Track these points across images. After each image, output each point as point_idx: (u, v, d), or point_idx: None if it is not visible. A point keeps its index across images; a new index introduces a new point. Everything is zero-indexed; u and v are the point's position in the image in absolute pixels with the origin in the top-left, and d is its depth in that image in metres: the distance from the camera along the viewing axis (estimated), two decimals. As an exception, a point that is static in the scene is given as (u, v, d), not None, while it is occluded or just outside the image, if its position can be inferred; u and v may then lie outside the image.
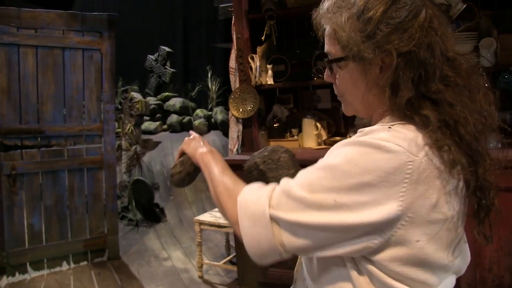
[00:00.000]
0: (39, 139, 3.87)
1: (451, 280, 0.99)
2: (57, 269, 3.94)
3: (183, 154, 1.30)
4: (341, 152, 0.87)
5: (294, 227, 0.88)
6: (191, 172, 1.27)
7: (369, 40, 0.89)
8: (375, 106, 0.97)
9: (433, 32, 0.89)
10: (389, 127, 0.87)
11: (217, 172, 1.11)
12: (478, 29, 2.81)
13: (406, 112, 0.89)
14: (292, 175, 1.16)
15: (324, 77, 1.05)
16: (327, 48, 0.99)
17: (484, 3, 2.98)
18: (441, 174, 0.84)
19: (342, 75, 0.98)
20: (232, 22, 3.48)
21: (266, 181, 1.20)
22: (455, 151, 0.85)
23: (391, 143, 0.82)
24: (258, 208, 0.93)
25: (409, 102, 0.88)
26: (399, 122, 0.90)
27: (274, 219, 0.90)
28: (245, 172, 1.29)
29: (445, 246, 0.89)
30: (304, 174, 0.92)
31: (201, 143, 1.25)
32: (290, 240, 0.90)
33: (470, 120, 0.87)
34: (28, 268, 3.83)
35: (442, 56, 0.90)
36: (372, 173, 0.81)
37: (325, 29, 0.99)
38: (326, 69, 1.03)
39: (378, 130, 0.87)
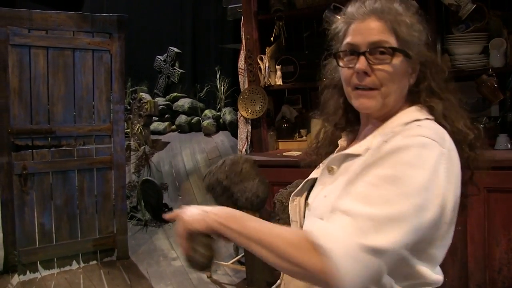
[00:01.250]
0: (49, 139, 3.90)
1: None
2: (67, 268, 3.98)
3: (191, 235, 1.03)
4: (395, 161, 0.91)
5: (391, 248, 0.85)
6: (215, 248, 1.03)
7: (419, 44, 1.07)
8: (400, 102, 1.10)
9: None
10: (418, 125, 1.00)
11: (254, 227, 0.95)
12: (488, 30, 2.79)
13: (424, 100, 1.07)
14: (258, 184, 1.23)
15: (360, 65, 1.04)
16: (382, 37, 1.04)
17: (494, 3, 2.96)
18: (458, 164, 1.00)
19: (396, 65, 1.04)
20: (241, 22, 3.49)
21: (232, 196, 1.23)
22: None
23: (428, 139, 0.94)
24: (349, 243, 0.84)
25: (423, 97, 1.09)
26: (427, 117, 1.04)
27: (370, 248, 0.83)
28: (206, 189, 1.28)
29: (454, 225, 1.03)
30: (372, 193, 0.89)
31: (197, 208, 1.05)
32: (388, 260, 0.86)
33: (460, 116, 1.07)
34: (39, 267, 3.87)
35: (439, 66, 1.12)
36: (428, 169, 0.91)
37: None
38: (366, 57, 1.04)
39: (410, 129, 0.99)
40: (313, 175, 1.23)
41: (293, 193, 1.23)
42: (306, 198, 1.20)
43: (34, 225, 3.86)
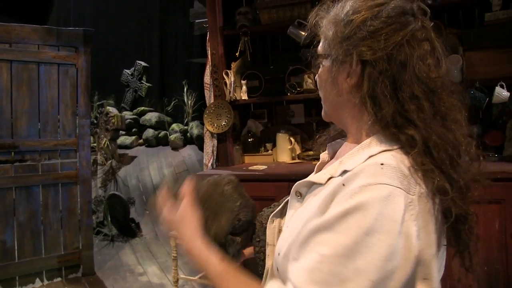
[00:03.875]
0: (12, 154, 3.83)
1: None
2: (30, 286, 3.87)
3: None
4: (352, 226, 0.77)
5: None
6: None
7: (344, 42, 0.91)
8: (348, 113, 0.97)
9: (410, 52, 0.89)
10: (382, 164, 0.82)
11: (214, 274, 1.00)
12: (445, 47, 2.91)
13: (392, 130, 0.87)
14: (240, 206, 1.18)
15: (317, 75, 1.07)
16: (319, 45, 1.02)
17: (450, 21, 3.11)
18: (431, 206, 0.83)
19: (320, 72, 1.02)
20: (207, 38, 3.54)
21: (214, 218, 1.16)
22: (439, 175, 0.83)
23: (392, 187, 0.79)
24: None
25: (394, 118, 0.87)
26: (387, 149, 0.88)
27: None
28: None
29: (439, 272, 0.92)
30: (324, 268, 0.77)
31: (187, 225, 1.08)
32: None
33: (441, 145, 0.86)
34: (-1, 286, 3.77)
35: (416, 78, 0.88)
36: (392, 231, 0.77)
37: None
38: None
39: (371, 170, 0.82)
40: None
41: (273, 213, 1.13)
42: None
43: (-6, 242, 3.77)
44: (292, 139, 3.43)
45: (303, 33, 3.04)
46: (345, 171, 0.88)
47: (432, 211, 0.83)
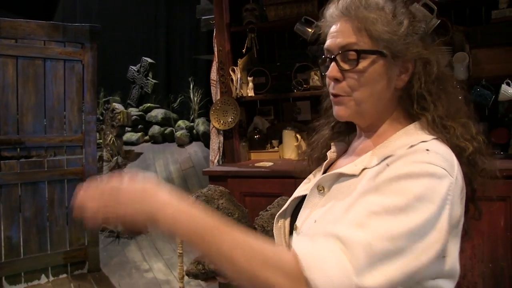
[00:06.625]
0: (18, 150, 3.84)
1: None
2: (35, 282, 3.89)
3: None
4: (402, 190, 0.81)
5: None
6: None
7: (403, 40, 0.95)
8: (386, 109, 1.01)
9: (436, 52, 1.01)
10: (427, 150, 0.88)
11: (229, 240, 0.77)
12: (452, 44, 2.89)
13: (432, 125, 0.96)
14: (238, 218, 1.09)
15: (330, 72, 0.98)
16: (350, 39, 0.95)
17: (457, 19, 3.08)
18: (463, 189, 0.92)
19: (366, 68, 0.95)
20: (214, 34, 3.52)
21: None
22: (473, 161, 0.96)
23: (438, 167, 0.84)
24: (342, 285, 0.73)
25: (438, 113, 0.97)
26: (430, 138, 0.93)
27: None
28: None
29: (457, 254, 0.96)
30: (372, 222, 0.78)
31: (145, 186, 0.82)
32: None
33: (470, 135, 0.98)
34: (4, 282, 3.75)
35: (445, 75, 1.01)
36: (436, 203, 0.81)
37: (332, 25, 1.00)
38: (336, 63, 0.98)
39: (417, 154, 0.87)
40: (299, 192, 1.12)
41: (278, 214, 1.13)
42: (292, 219, 1.11)
43: (0, 238, 3.77)
44: (298, 136, 3.41)
45: (310, 30, 3.01)
46: (386, 157, 0.91)
47: (463, 193, 0.92)
